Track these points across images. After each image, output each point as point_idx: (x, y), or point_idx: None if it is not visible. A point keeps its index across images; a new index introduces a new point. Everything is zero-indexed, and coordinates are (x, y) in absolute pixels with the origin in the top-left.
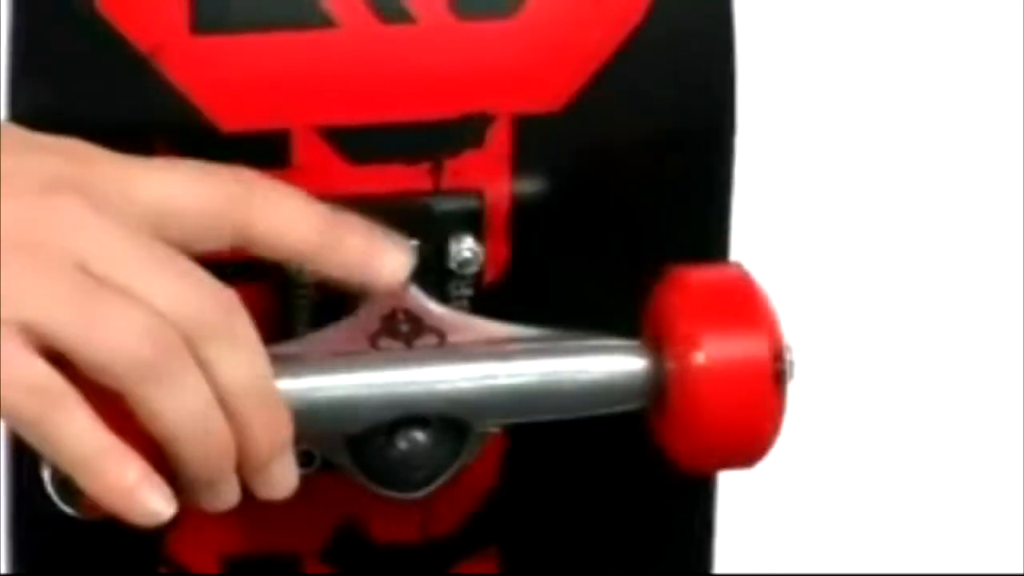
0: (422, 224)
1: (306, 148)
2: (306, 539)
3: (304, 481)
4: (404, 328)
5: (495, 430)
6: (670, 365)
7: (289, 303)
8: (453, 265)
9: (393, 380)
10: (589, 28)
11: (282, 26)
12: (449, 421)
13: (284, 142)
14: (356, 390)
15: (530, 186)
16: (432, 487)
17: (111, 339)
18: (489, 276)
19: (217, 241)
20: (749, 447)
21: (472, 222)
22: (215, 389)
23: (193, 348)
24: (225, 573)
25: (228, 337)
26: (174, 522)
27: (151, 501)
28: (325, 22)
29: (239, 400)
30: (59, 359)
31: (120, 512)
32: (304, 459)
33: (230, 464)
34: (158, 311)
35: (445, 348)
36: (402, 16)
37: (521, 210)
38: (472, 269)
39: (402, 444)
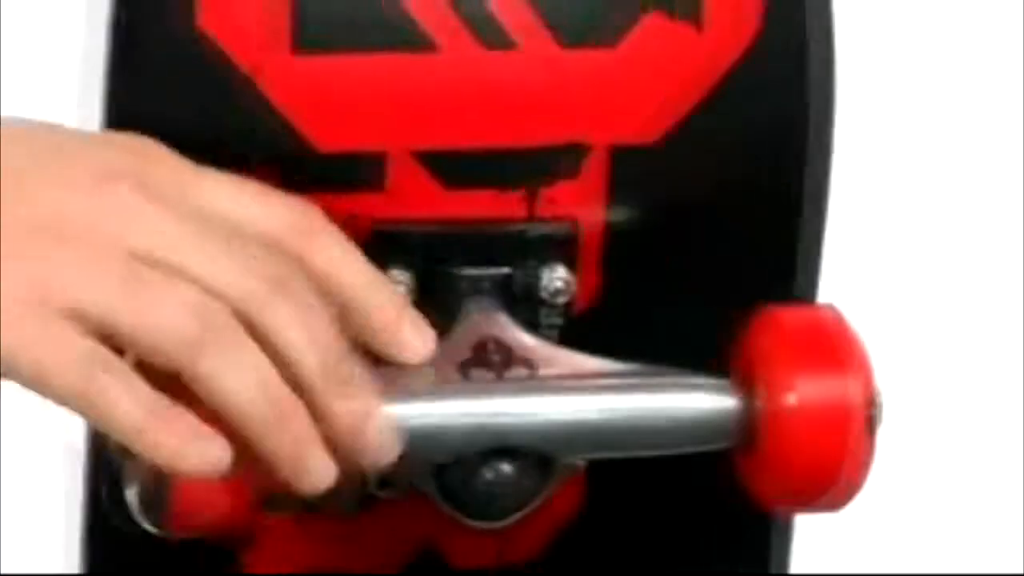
0: (514, 252)
1: (401, 171)
2: (383, 562)
3: (385, 504)
4: (495, 358)
5: (580, 464)
6: (761, 405)
7: None
8: (544, 294)
9: (485, 411)
10: (689, 61)
11: (383, 48)
12: (536, 453)
13: (380, 164)
14: (449, 419)
15: (623, 217)
16: (512, 518)
17: (158, 319)
18: (579, 305)
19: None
20: (836, 492)
21: (565, 251)
22: (278, 357)
23: (249, 320)
24: None
25: (282, 303)
26: (250, 541)
27: (207, 450)
28: (426, 46)
29: (302, 366)
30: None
31: (175, 466)
32: (387, 484)
33: (308, 434)
34: (207, 288)
35: (536, 381)
36: (503, 42)
37: (613, 240)
38: (563, 299)
39: (488, 475)
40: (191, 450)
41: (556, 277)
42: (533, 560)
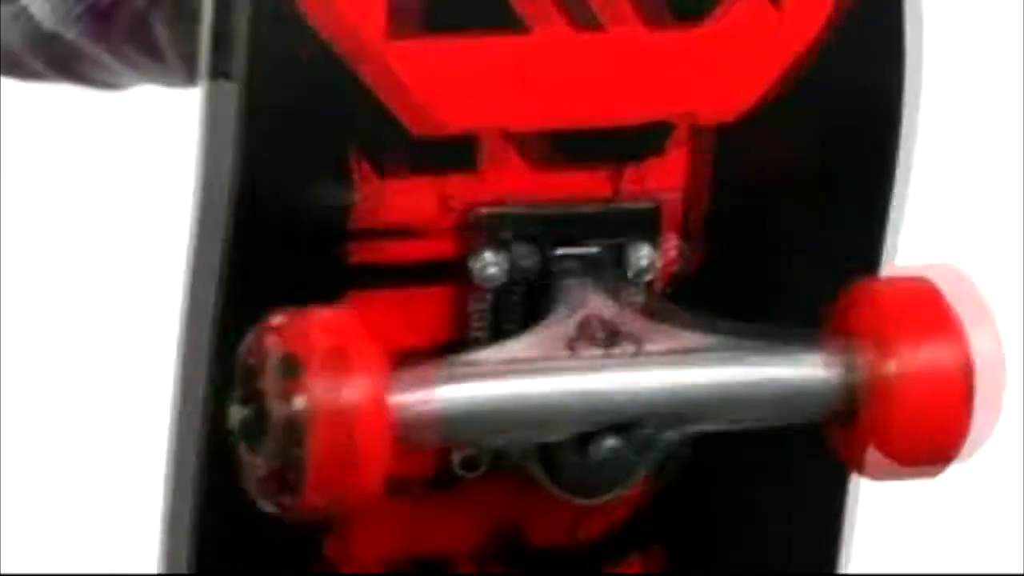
0: (601, 229)
1: (493, 152)
2: (462, 542)
3: (465, 486)
4: (600, 335)
5: (682, 437)
6: (864, 375)
7: (467, 306)
8: (630, 273)
9: (598, 387)
10: (770, 40)
11: (476, 30)
12: (641, 428)
13: (472, 146)
14: (563, 397)
15: (705, 192)
16: (614, 494)
17: None
18: (662, 283)
19: None
20: (935, 459)
21: (649, 229)
22: None
23: None
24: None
25: None
26: (331, 526)
27: None
28: (518, 26)
29: None
30: None
31: None
32: (469, 463)
33: None
34: None
35: (646, 356)
36: (593, 23)
37: (696, 217)
38: (648, 276)
39: (596, 452)
40: None
41: (642, 255)
42: (603, 539)
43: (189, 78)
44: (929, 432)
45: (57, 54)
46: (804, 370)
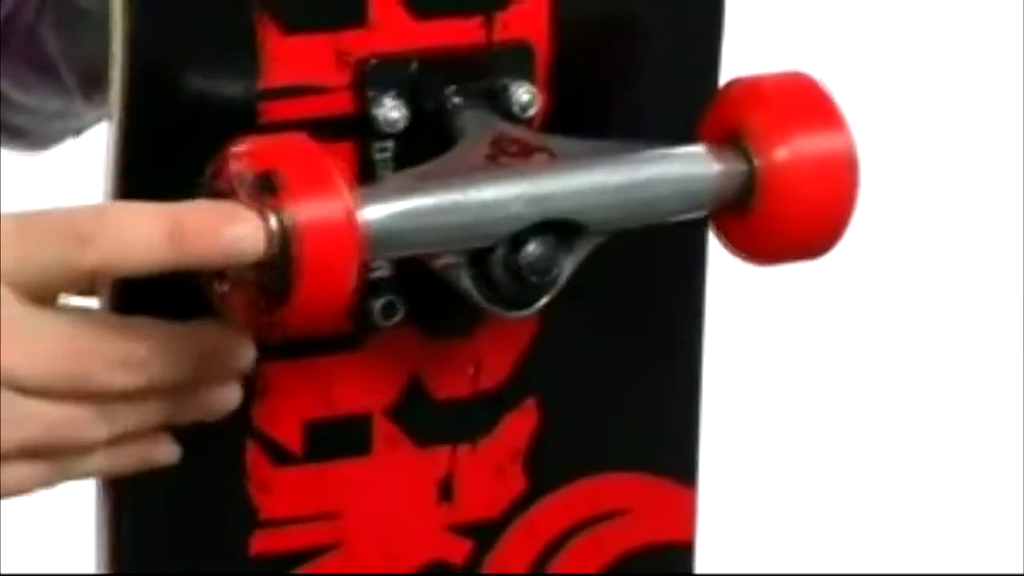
0: (483, 70)
1: (379, 6)
2: (378, 399)
3: (375, 342)
4: (514, 148)
5: (597, 240)
6: (759, 164)
7: (371, 158)
8: (515, 108)
9: (528, 189)
10: None
11: None
12: (564, 230)
13: (361, 1)
14: (498, 197)
15: (568, 35)
16: (541, 302)
17: None
18: (535, 124)
19: (75, 285)
20: (824, 241)
21: (524, 68)
22: None
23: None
24: None
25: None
26: (260, 394)
27: None
28: None
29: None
30: None
31: None
32: (388, 311)
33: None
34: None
35: (561, 160)
36: None
37: (561, 59)
38: (531, 112)
39: (528, 252)
40: None
41: (523, 91)
42: (502, 385)
43: (85, 98)
44: (821, 215)
45: None
46: (703, 164)
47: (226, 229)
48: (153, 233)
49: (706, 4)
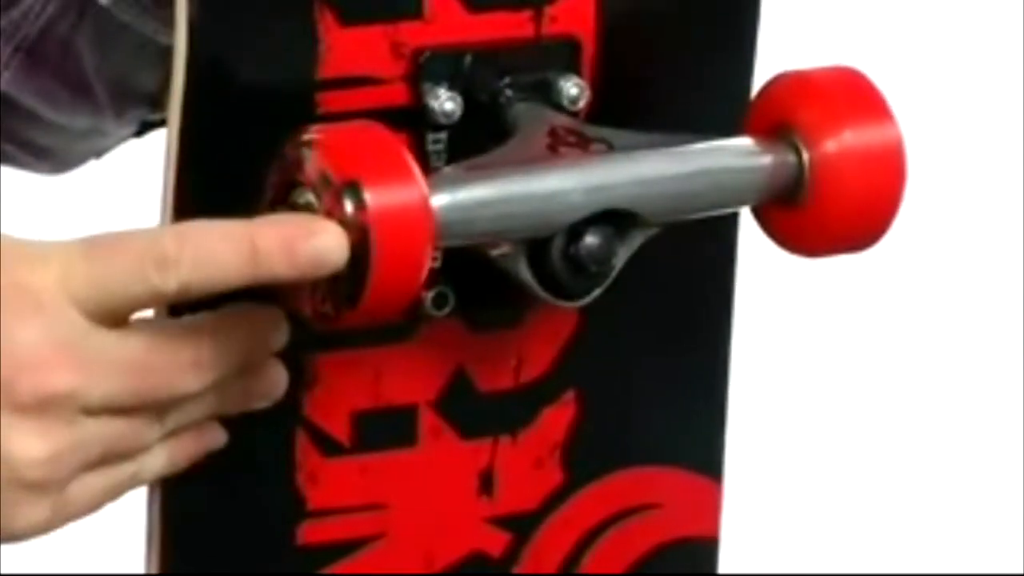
0: (533, 63)
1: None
2: (424, 391)
3: (423, 334)
4: (572, 139)
5: (650, 232)
6: (809, 157)
7: (424, 149)
8: (565, 101)
9: (590, 178)
10: None
11: None
12: (621, 221)
13: None
14: (562, 187)
15: (614, 30)
16: (595, 292)
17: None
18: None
19: (155, 305)
20: (871, 234)
21: (573, 62)
22: None
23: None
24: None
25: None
26: (309, 384)
27: None
28: None
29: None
30: None
31: None
32: (439, 301)
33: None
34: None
35: (619, 151)
36: None
37: (607, 52)
38: (580, 105)
39: (587, 241)
40: None
41: (572, 84)
42: (544, 378)
43: (116, 115)
44: (869, 207)
45: None
46: (753, 157)
47: (308, 243)
48: (236, 253)
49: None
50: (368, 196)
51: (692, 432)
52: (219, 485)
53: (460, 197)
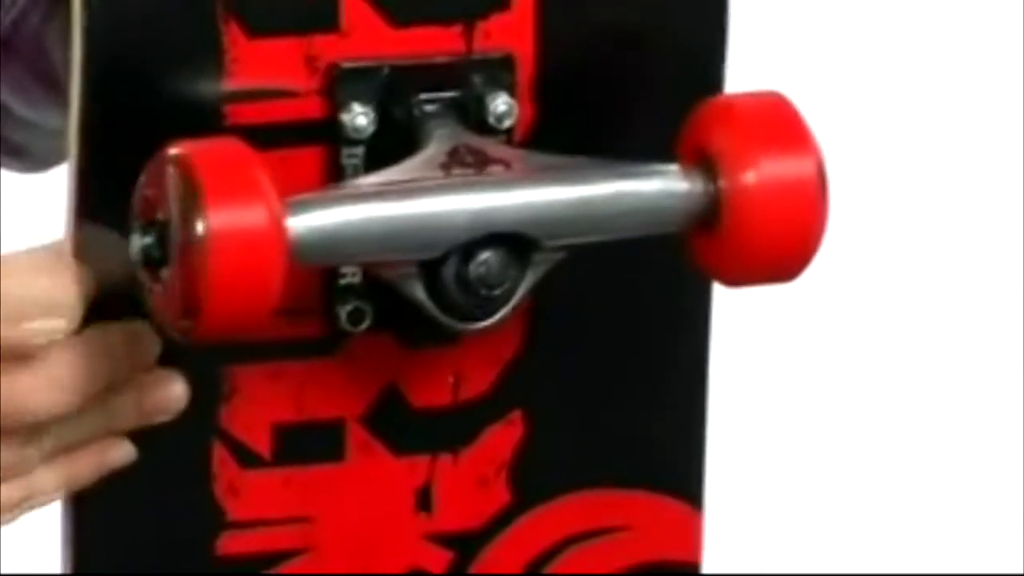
0: (460, 80)
1: (353, 11)
2: (351, 406)
3: (350, 348)
4: (470, 159)
5: (557, 256)
6: (727, 184)
7: (340, 163)
8: (491, 119)
9: (473, 201)
10: None
11: None
12: (518, 242)
13: (333, 5)
14: (443, 207)
15: (553, 46)
16: (500, 316)
17: None
18: (518, 136)
19: None
20: (792, 264)
21: (505, 79)
22: None
23: None
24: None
25: None
26: (227, 396)
27: None
28: None
29: None
30: None
31: None
32: (355, 317)
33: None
34: None
35: (517, 172)
36: None
37: (547, 70)
38: (508, 123)
39: (478, 264)
40: None
41: (499, 103)
42: (485, 396)
43: None
44: (786, 239)
45: None
46: (668, 182)
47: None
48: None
49: (704, 19)
50: (211, 217)
51: (662, 454)
52: (133, 494)
53: (318, 219)
